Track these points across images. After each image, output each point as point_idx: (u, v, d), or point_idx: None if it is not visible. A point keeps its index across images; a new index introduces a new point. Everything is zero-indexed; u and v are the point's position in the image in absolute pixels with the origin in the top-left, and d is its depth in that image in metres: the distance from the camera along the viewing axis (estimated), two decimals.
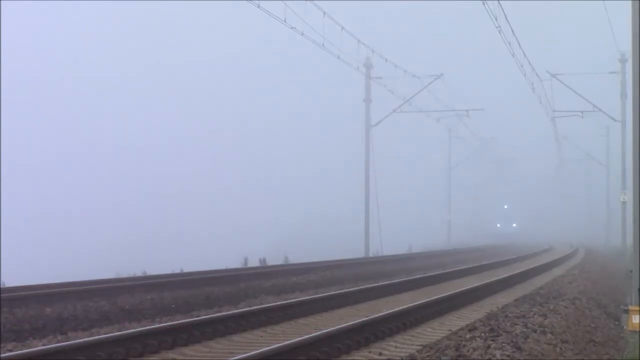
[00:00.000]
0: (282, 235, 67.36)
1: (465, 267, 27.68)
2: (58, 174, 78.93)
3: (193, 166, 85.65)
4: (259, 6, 23.63)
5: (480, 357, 9.00)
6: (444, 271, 25.07)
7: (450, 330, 11.78)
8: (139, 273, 20.06)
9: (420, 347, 10.04)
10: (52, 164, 79.73)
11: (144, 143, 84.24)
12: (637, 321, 12.89)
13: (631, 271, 13.80)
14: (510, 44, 29.29)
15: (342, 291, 16.88)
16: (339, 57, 32.46)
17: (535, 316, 13.11)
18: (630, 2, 13.84)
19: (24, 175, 76.63)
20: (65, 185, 78.42)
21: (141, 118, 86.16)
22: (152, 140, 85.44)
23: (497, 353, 9.24)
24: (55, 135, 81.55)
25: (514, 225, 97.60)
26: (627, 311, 13.34)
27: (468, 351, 9.30)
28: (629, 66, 21.76)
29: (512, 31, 29.24)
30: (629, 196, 19.94)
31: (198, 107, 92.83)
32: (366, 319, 11.59)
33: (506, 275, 22.89)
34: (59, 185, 78.10)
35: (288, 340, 9.96)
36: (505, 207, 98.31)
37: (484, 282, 19.59)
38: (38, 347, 9.90)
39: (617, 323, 15.08)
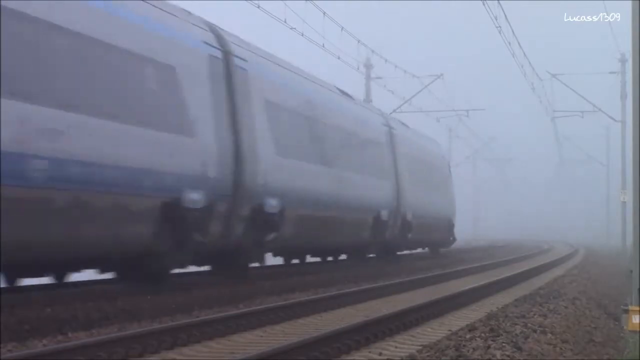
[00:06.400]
0: None
1: (466, 267, 27.68)
2: None
3: None
4: (259, 7, 23.64)
5: (480, 357, 9.00)
6: (444, 271, 25.08)
7: (450, 330, 11.77)
8: None
9: (420, 347, 10.04)
10: None
11: None
12: (637, 321, 12.85)
13: (631, 271, 13.78)
14: (510, 44, 29.38)
15: (342, 291, 16.87)
16: (339, 58, 32.46)
17: (535, 316, 13.12)
18: (631, 2, 13.82)
19: None
20: None
21: None
22: None
23: (497, 353, 9.25)
24: None
25: None
26: (627, 311, 13.30)
27: (468, 351, 9.30)
28: (629, 66, 21.76)
29: (513, 31, 29.32)
30: (629, 196, 19.93)
31: None
32: (366, 319, 11.58)
33: (506, 275, 22.90)
34: None
35: (288, 340, 9.96)
36: None
37: (484, 282, 19.60)
38: (38, 347, 9.90)
39: (617, 323, 15.07)
